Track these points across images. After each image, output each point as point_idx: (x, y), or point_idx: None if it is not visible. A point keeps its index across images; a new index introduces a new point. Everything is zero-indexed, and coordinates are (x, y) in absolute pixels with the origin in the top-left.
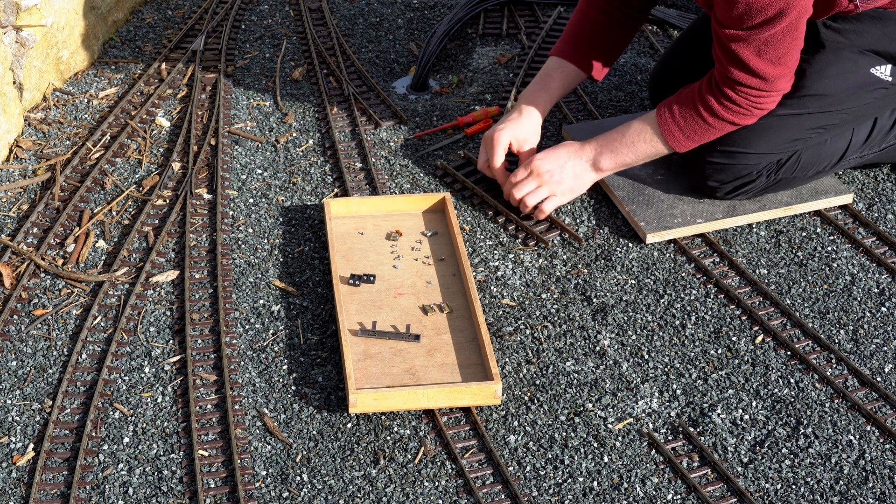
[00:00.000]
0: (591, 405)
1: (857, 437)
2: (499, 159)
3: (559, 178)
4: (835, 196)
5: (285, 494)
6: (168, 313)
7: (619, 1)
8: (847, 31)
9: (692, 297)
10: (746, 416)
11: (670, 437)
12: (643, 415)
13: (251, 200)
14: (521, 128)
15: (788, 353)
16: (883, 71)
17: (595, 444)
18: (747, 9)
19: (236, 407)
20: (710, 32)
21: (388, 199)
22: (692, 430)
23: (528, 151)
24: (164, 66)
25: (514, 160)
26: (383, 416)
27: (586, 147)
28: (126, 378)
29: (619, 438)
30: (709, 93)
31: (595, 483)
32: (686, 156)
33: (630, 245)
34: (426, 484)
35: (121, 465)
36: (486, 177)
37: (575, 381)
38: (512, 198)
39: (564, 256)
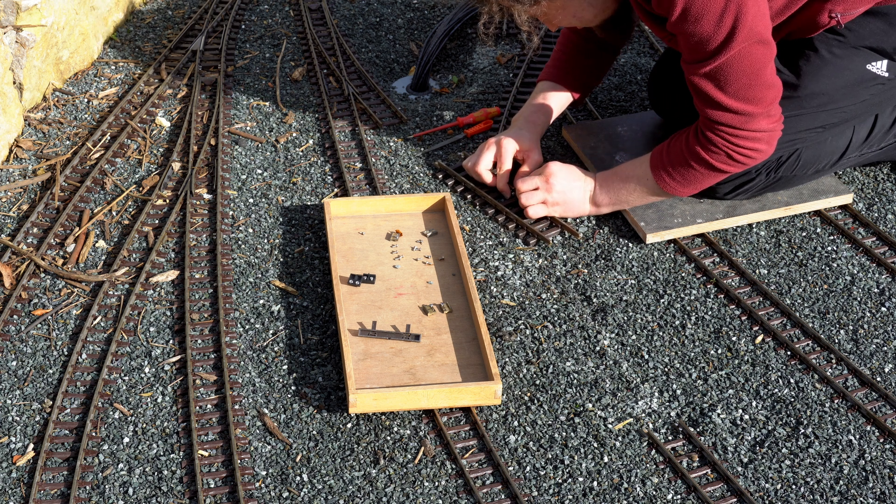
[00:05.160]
0: (591, 405)
1: (857, 437)
2: (507, 164)
3: (560, 191)
4: (835, 196)
5: (285, 494)
6: (168, 313)
7: (594, 42)
8: (842, 29)
9: (692, 297)
10: (746, 416)
11: (670, 437)
12: (643, 415)
13: (251, 200)
14: (524, 139)
15: (788, 353)
16: (879, 66)
17: (595, 444)
18: (700, 38)
19: (236, 407)
20: None
21: (388, 199)
22: (692, 430)
23: (531, 161)
24: (164, 66)
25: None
26: (383, 416)
27: (592, 180)
28: (126, 378)
29: (619, 438)
30: (695, 142)
31: (595, 483)
32: None
33: (630, 245)
34: (426, 484)
35: (121, 465)
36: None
37: (575, 381)
38: (516, 188)
39: (564, 256)
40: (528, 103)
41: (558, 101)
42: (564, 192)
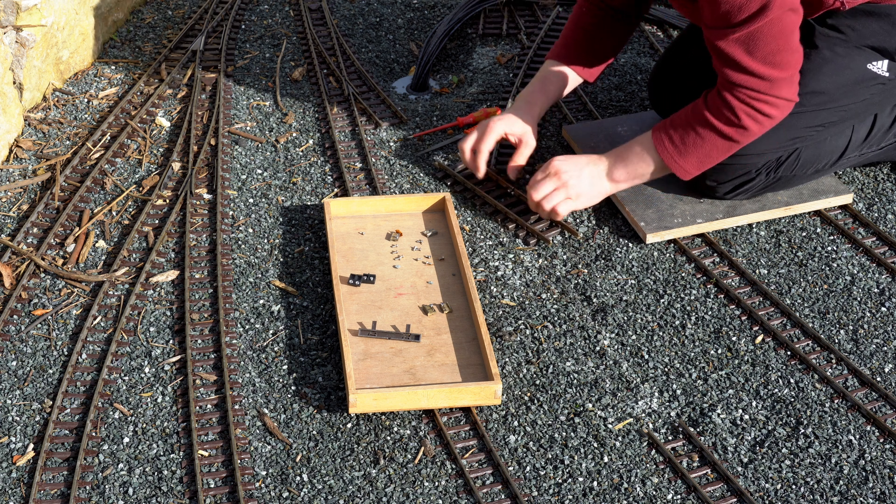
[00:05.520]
0: (591, 405)
1: (857, 437)
2: (487, 145)
3: (576, 182)
4: (835, 196)
5: (285, 494)
6: (168, 313)
7: (610, 7)
8: (843, 28)
9: (692, 297)
10: (746, 416)
11: (670, 437)
12: (643, 415)
13: (251, 200)
14: (518, 123)
15: (788, 353)
16: (880, 66)
17: (595, 444)
18: (731, 6)
19: (236, 407)
20: None
21: (388, 199)
22: (692, 430)
23: (524, 146)
24: (164, 66)
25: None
26: (383, 416)
27: (603, 157)
28: (126, 378)
29: (619, 438)
30: (704, 106)
31: (595, 483)
32: None
33: (630, 245)
34: (426, 484)
35: (121, 465)
36: (486, 177)
37: (575, 381)
38: (530, 199)
39: (564, 256)
40: (532, 82)
41: (563, 80)
42: (579, 180)
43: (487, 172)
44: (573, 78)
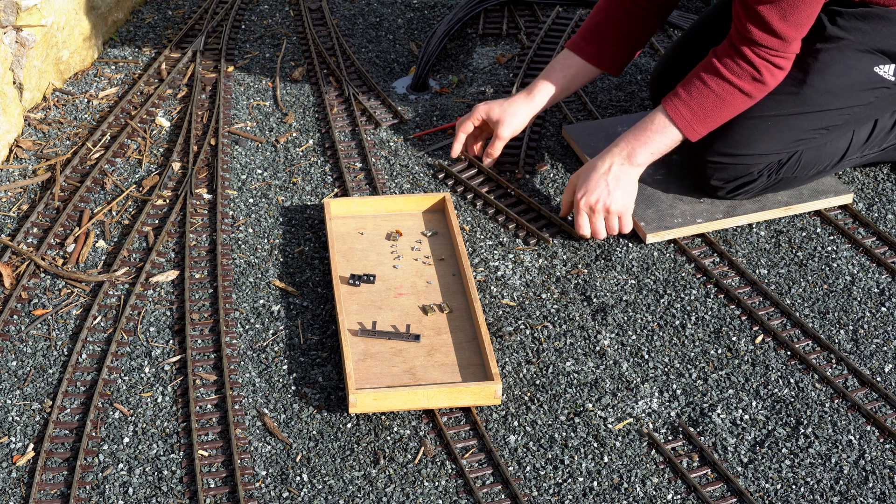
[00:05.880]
0: (591, 405)
1: (857, 437)
2: (465, 128)
3: (610, 198)
4: (835, 196)
5: (285, 494)
6: (168, 313)
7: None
8: (852, 30)
9: (692, 297)
10: (746, 416)
11: (670, 437)
12: (643, 415)
13: (251, 200)
14: (497, 110)
15: (788, 353)
16: (886, 70)
17: (595, 444)
18: None
19: (236, 407)
20: (711, 32)
21: (388, 199)
22: (692, 430)
23: (496, 138)
24: (164, 66)
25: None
26: (383, 416)
27: (613, 150)
28: (126, 378)
29: (619, 438)
30: (723, 69)
31: (595, 483)
32: (688, 155)
33: (630, 245)
34: (426, 484)
35: (121, 465)
36: (486, 177)
37: (575, 381)
38: (594, 238)
39: (564, 256)
40: (542, 72)
41: (569, 70)
42: (611, 193)
43: (486, 172)
44: (583, 67)
